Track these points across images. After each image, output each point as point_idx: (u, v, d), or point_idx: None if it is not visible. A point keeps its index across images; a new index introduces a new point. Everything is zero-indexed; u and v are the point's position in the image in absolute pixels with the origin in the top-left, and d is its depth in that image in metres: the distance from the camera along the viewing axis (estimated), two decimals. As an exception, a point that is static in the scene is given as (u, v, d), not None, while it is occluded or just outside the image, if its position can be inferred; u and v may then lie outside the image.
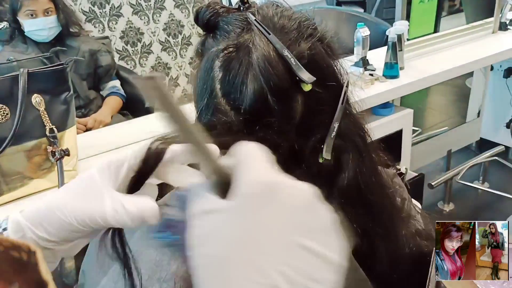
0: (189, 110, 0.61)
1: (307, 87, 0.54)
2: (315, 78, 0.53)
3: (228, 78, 0.55)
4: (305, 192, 0.32)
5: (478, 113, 2.85)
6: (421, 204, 0.74)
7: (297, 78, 0.53)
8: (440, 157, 2.67)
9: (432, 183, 2.32)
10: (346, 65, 0.62)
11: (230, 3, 0.62)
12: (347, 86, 0.59)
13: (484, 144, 2.85)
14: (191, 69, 0.70)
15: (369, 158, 0.60)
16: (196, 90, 0.59)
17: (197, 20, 0.61)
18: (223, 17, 0.59)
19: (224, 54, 0.56)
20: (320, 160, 0.56)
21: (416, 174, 1.96)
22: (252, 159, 0.33)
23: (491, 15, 2.38)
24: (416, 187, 1.94)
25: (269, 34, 0.54)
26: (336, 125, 0.56)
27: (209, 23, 0.60)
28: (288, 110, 0.54)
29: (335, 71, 0.59)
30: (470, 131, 2.85)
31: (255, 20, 0.56)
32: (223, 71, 0.55)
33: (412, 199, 0.75)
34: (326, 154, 0.56)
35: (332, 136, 0.56)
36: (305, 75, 0.53)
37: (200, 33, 0.64)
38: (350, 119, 0.59)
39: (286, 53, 0.53)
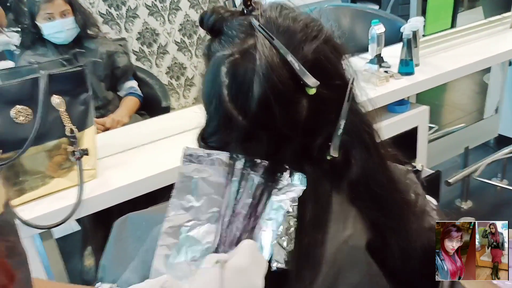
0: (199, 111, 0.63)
1: (312, 91, 0.54)
2: (319, 83, 0.54)
3: (234, 84, 0.56)
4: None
5: (496, 109, 2.81)
6: (438, 201, 0.74)
7: (302, 82, 0.54)
8: (457, 154, 2.64)
9: (449, 180, 2.29)
10: (359, 62, 0.62)
11: (234, 5, 0.63)
12: (352, 83, 0.59)
13: (502, 141, 2.80)
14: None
15: (377, 154, 0.61)
16: (204, 92, 0.61)
17: (202, 24, 0.61)
18: (227, 22, 0.59)
19: (230, 61, 0.56)
20: (328, 158, 0.57)
21: (433, 171, 1.94)
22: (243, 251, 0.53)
23: (509, 9, 2.35)
24: (433, 184, 1.91)
25: (273, 39, 0.54)
26: (342, 122, 0.57)
27: (213, 28, 0.60)
28: (294, 113, 0.55)
29: (340, 70, 0.59)
30: (488, 127, 2.80)
31: (258, 25, 0.56)
32: (230, 78, 0.56)
33: (428, 196, 0.75)
34: (334, 152, 0.56)
35: (339, 134, 0.57)
36: (310, 80, 0.53)
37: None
38: (357, 116, 0.59)
39: (290, 58, 0.53)
